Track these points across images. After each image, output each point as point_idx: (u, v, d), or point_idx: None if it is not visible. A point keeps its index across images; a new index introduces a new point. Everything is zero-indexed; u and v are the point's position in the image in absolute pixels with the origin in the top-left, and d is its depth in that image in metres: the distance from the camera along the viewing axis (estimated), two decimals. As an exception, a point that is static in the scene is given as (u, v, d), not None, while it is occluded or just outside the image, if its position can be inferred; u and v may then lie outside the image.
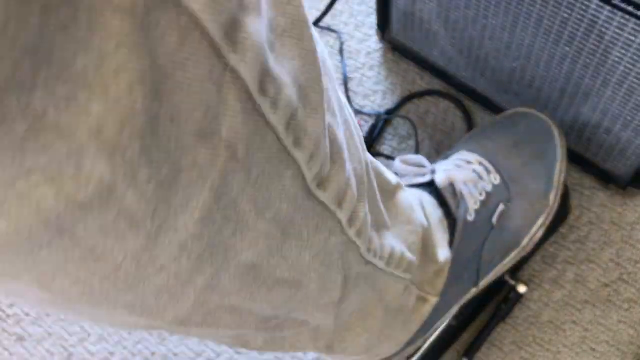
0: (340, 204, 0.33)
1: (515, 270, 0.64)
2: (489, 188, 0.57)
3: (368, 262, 0.41)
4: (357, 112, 0.74)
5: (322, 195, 0.31)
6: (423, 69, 0.74)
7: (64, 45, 0.18)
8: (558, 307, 0.64)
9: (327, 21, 0.78)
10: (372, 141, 0.72)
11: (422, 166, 0.58)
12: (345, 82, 0.75)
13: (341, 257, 0.37)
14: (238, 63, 0.23)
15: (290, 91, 0.26)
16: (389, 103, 0.74)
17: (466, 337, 0.64)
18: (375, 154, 0.71)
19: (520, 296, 0.63)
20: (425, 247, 0.51)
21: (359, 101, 0.74)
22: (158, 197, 0.23)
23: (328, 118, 0.30)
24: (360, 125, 0.70)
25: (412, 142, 0.72)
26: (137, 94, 0.20)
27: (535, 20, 0.54)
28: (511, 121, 0.63)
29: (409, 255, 0.46)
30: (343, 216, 0.34)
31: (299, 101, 0.27)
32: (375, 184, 0.41)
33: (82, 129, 0.19)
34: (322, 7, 0.80)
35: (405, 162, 0.58)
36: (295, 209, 0.30)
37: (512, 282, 0.63)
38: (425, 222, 0.50)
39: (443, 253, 0.53)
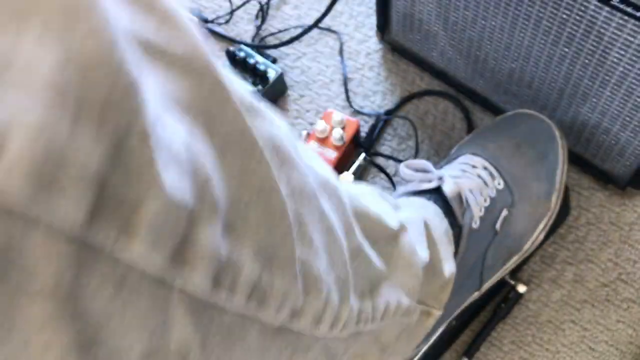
0: (317, 324, 0.32)
1: (515, 270, 0.64)
2: (493, 194, 0.57)
3: (358, 333, 0.40)
4: (357, 113, 0.74)
5: (296, 326, 0.31)
6: (422, 69, 0.75)
7: None
8: (557, 306, 0.64)
9: (327, 22, 0.79)
10: (372, 142, 0.72)
11: (428, 171, 0.57)
12: (345, 82, 0.75)
13: (323, 351, 0.36)
14: (186, 282, 0.22)
15: (250, 267, 0.25)
16: (388, 103, 0.74)
17: (466, 337, 0.64)
18: (375, 154, 0.71)
19: (519, 296, 0.63)
20: (431, 267, 0.50)
21: (358, 101, 0.75)
22: None
23: (303, 253, 0.29)
24: (360, 126, 0.70)
25: (411, 143, 0.72)
26: None
27: (534, 21, 0.54)
28: (512, 122, 0.62)
29: (406, 301, 0.45)
30: (321, 331, 0.33)
31: (263, 267, 0.26)
32: (368, 255, 0.40)
33: None
34: (322, 7, 0.80)
35: (410, 167, 0.58)
36: (263, 352, 0.29)
37: (512, 282, 0.63)
38: (427, 259, 0.49)
39: (449, 267, 0.52)
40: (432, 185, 0.56)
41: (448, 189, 0.54)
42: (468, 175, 0.57)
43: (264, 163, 0.26)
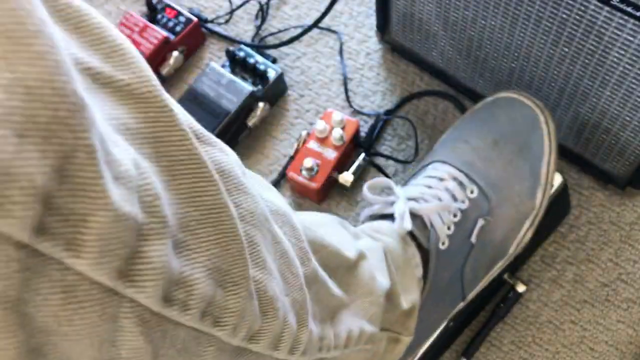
0: (276, 347, 0.33)
1: (514, 270, 0.64)
2: (465, 205, 0.54)
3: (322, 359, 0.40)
4: (357, 113, 0.74)
5: (254, 347, 0.31)
6: (422, 69, 0.75)
7: None
8: (557, 306, 0.64)
9: (326, 22, 0.79)
10: (372, 142, 0.72)
11: (391, 192, 0.55)
12: (345, 82, 0.75)
13: None
14: (137, 294, 0.23)
15: (203, 285, 0.26)
16: (388, 103, 0.74)
17: (465, 337, 0.64)
18: (375, 155, 0.71)
19: (519, 295, 0.63)
20: (389, 298, 0.49)
21: (358, 101, 0.75)
22: None
23: (257, 274, 0.30)
24: (360, 126, 0.70)
25: (411, 143, 0.72)
26: None
27: (534, 21, 0.54)
28: (490, 114, 0.58)
29: (369, 328, 0.45)
30: (281, 354, 0.34)
31: (217, 285, 0.27)
32: (326, 282, 0.40)
33: None
34: (322, 7, 0.80)
35: (372, 189, 0.56)
36: None
37: (511, 281, 0.63)
38: (387, 285, 0.48)
39: (409, 299, 0.51)
40: (393, 209, 0.54)
41: (400, 227, 0.52)
42: (433, 192, 0.54)
43: (212, 183, 0.27)
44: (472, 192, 0.55)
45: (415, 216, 0.53)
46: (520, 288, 0.62)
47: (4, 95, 0.18)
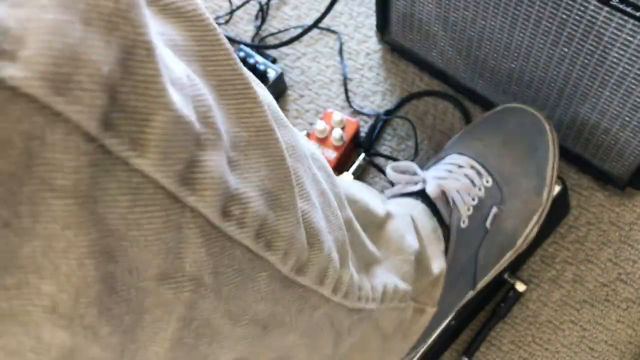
0: (322, 281, 0.33)
1: (514, 269, 0.64)
2: (482, 192, 0.57)
3: (360, 310, 0.40)
4: (357, 113, 0.74)
5: (302, 280, 0.31)
6: (422, 69, 0.75)
7: (7, 240, 0.18)
8: (557, 306, 0.64)
9: (326, 22, 0.79)
10: (372, 142, 0.72)
11: (414, 173, 0.57)
12: (345, 82, 0.75)
13: (329, 320, 0.37)
14: (197, 203, 0.23)
15: (257, 203, 0.26)
16: (388, 104, 0.74)
17: (465, 336, 0.64)
18: (375, 154, 0.71)
19: (519, 295, 0.63)
20: (419, 262, 0.50)
21: (358, 102, 0.75)
22: (123, 342, 0.23)
23: (302, 205, 0.30)
24: (360, 126, 0.70)
25: (411, 143, 0.72)
26: (88, 267, 0.20)
27: (534, 21, 0.54)
28: (500, 118, 0.62)
29: (403, 285, 0.46)
30: (326, 289, 0.34)
31: (268, 207, 0.27)
32: (360, 232, 0.41)
33: (36, 310, 0.19)
34: (322, 8, 0.80)
35: (396, 170, 0.58)
36: (273, 303, 0.30)
37: (511, 281, 0.63)
38: (416, 246, 0.50)
39: (437, 264, 0.52)
40: (418, 187, 0.56)
41: (430, 190, 0.54)
42: (454, 176, 0.57)
43: (259, 105, 0.27)
44: (487, 181, 0.57)
45: (440, 192, 0.55)
46: (520, 287, 0.62)
47: None
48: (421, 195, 0.56)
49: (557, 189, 0.62)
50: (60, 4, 0.18)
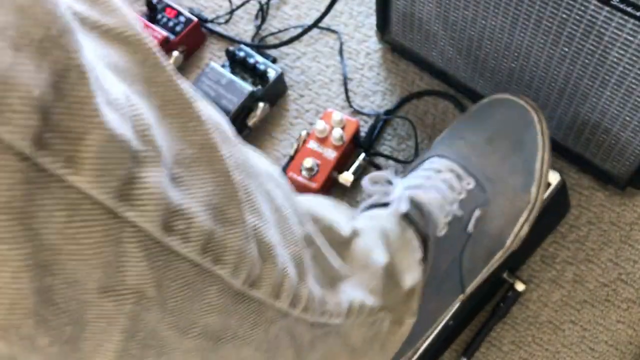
0: (277, 295, 0.33)
1: (513, 269, 0.64)
2: (462, 196, 0.55)
3: (324, 325, 0.40)
4: (357, 112, 0.74)
5: (256, 294, 0.31)
6: (422, 69, 0.75)
7: None
8: (557, 306, 0.64)
9: (326, 22, 0.79)
10: (372, 141, 0.72)
11: (390, 183, 0.56)
12: (345, 82, 0.75)
13: (288, 334, 0.37)
14: (137, 218, 0.23)
15: (202, 218, 0.26)
16: (388, 103, 0.74)
17: (465, 337, 0.64)
18: (375, 154, 0.71)
19: (518, 294, 0.63)
20: (390, 276, 0.50)
21: (358, 101, 0.75)
22: (65, 352, 0.23)
23: (253, 220, 0.30)
24: (360, 126, 0.70)
25: (411, 143, 0.72)
26: (22, 280, 0.21)
27: (534, 21, 0.54)
28: (486, 112, 0.60)
29: (371, 300, 0.46)
30: (282, 303, 0.34)
31: (215, 222, 0.27)
32: (324, 247, 0.40)
33: None
34: (322, 7, 0.80)
35: (372, 181, 0.57)
36: (226, 316, 0.30)
37: (510, 281, 0.63)
38: (384, 261, 0.49)
39: (411, 277, 0.51)
40: (392, 198, 0.54)
41: (395, 209, 0.53)
42: (431, 182, 0.55)
43: (202, 123, 0.27)
44: (468, 183, 0.56)
45: (414, 203, 0.54)
46: (520, 287, 0.62)
47: None
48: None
49: (554, 183, 0.61)
50: None
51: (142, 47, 0.26)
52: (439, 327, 0.59)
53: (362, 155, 0.69)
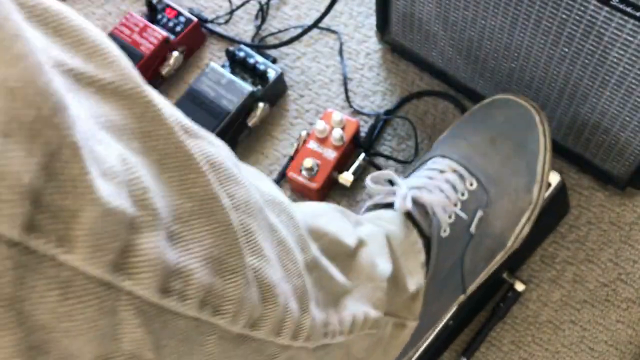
0: (278, 333, 0.33)
1: (513, 269, 0.64)
2: (465, 197, 0.55)
3: (326, 346, 0.40)
4: (357, 113, 0.74)
5: (257, 334, 0.31)
6: (422, 69, 0.75)
7: None
8: (557, 306, 0.64)
9: (326, 22, 0.79)
10: (372, 142, 0.72)
11: (393, 183, 0.56)
12: (345, 82, 0.75)
13: None
14: (133, 286, 0.23)
15: (200, 274, 0.26)
16: (388, 103, 0.74)
17: (465, 336, 0.64)
18: (375, 154, 0.71)
19: (518, 294, 0.63)
20: (395, 281, 0.50)
21: (358, 102, 0.75)
22: None
23: (254, 262, 0.30)
24: (360, 126, 0.70)
25: (411, 143, 0.72)
26: None
27: (534, 21, 0.54)
28: (488, 113, 0.60)
29: (374, 313, 0.45)
30: (284, 339, 0.34)
31: (214, 274, 0.27)
32: (328, 268, 0.40)
33: None
34: (322, 7, 0.80)
35: (375, 181, 0.57)
36: (226, 359, 0.30)
37: (510, 281, 0.63)
38: (389, 271, 0.49)
39: (414, 281, 0.51)
40: (394, 198, 0.54)
41: (399, 206, 0.53)
42: (434, 183, 0.55)
43: (202, 175, 0.27)
44: (471, 184, 0.56)
45: (417, 204, 0.54)
46: (520, 287, 0.62)
47: None
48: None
49: (554, 184, 0.61)
50: None
51: (140, 100, 0.25)
52: (439, 327, 0.59)
53: (362, 155, 0.69)
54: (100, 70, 0.24)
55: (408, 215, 0.54)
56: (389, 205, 0.55)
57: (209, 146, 0.29)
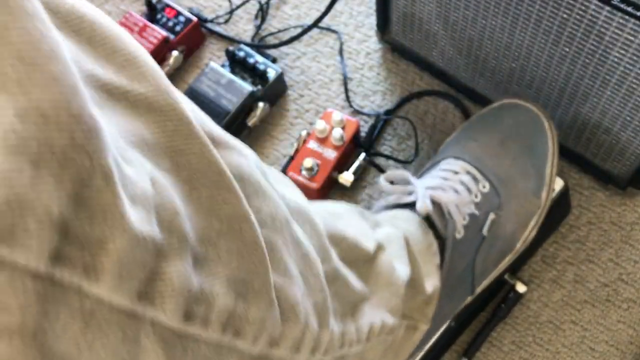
0: (298, 350, 0.33)
1: (515, 270, 0.64)
2: (478, 199, 0.55)
3: (343, 356, 0.40)
4: (357, 112, 0.74)
5: (276, 352, 0.31)
6: (422, 69, 0.75)
7: None
8: (557, 306, 0.64)
9: (326, 21, 0.78)
10: (372, 141, 0.72)
11: (408, 182, 0.56)
12: (345, 82, 0.75)
13: None
14: (156, 314, 0.23)
15: (224, 298, 0.26)
16: (388, 103, 0.74)
17: (466, 337, 0.64)
18: (375, 154, 0.71)
19: (519, 295, 0.63)
20: (412, 283, 0.49)
21: (358, 101, 0.74)
22: None
23: (278, 280, 0.30)
24: (360, 126, 0.70)
25: (411, 142, 0.72)
26: None
27: (535, 21, 0.54)
28: (497, 115, 0.60)
29: (390, 320, 0.45)
30: (303, 355, 0.33)
31: (238, 297, 0.27)
32: (347, 277, 0.40)
33: None
34: (322, 7, 0.80)
35: (390, 180, 0.56)
36: None
37: (512, 282, 0.63)
38: (407, 276, 0.49)
39: (431, 283, 0.51)
40: (412, 198, 0.54)
41: (420, 208, 0.52)
42: (449, 184, 0.55)
43: (233, 192, 0.27)
44: (484, 187, 0.56)
45: (434, 204, 0.54)
46: (521, 288, 0.62)
47: (20, 125, 0.18)
48: (415, 206, 0.54)
49: (558, 188, 0.62)
50: (10, 151, 0.18)
51: (174, 114, 0.25)
52: (440, 330, 0.59)
53: (362, 155, 0.69)
54: (134, 82, 0.24)
55: (425, 217, 0.53)
56: (404, 205, 0.55)
57: (239, 157, 0.29)
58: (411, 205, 0.54)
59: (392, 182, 0.57)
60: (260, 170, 0.31)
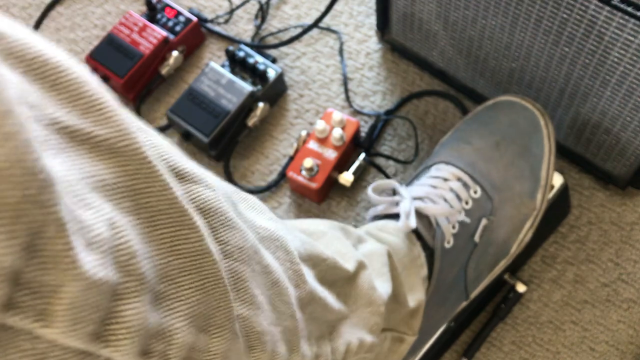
0: None
1: (515, 270, 0.64)
2: (469, 205, 0.54)
3: None
4: (357, 112, 0.74)
5: None
6: (422, 69, 0.75)
7: None
8: (557, 307, 0.64)
9: (326, 21, 0.78)
10: (372, 142, 0.72)
11: (395, 192, 0.56)
12: (345, 82, 0.75)
13: None
14: (111, 353, 0.23)
15: (183, 334, 0.26)
16: (388, 103, 0.74)
17: (466, 337, 0.64)
18: (375, 154, 0.71)
19: (519, 296, 0.63)
20: (395, 298, 0.49)
21: (358, 101, 0.74)
22: None
23: (244, 311, 0.30)
24: (360, 126, 0.70)
25: (411, 143, 0.72)
26: None
27: (535, 21, 0.54)
28: (491, 116, 0.59)
29: (369, 339, 0.45)
30: None
31: (199, 331, 0.27)
32: (325, 298, 0.40)
33: None
34: (322, 7, 0.80)
35: (377, 191, 0.56)
36: None
37: (512, 282, 0.63)
38: (387, 294, 0.48)
39: (415, 297, 0.51)
40: (400, 209, 0.54)
41: (403, 225, 0.52)
42: (438, 192, 0.54)
43: (194, 229, 0.27)
44: (475, 192, 0.55)
45: (421, 215, 0.54)
46: (521, 288, 0.62)
47: None
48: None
49: (557, 187, 0.62)
50: None
51: (135, 157, 0.25)
52: (441, 329, 0.59)
53: (363, 155, 0.69)
54: (97, 126, 0.24)
55: (413, 230, 0.53)
56: (393, 216, 0.55)
57: (205, 190, 0.29)
58: (399, 216, 0.54)
59: (381, 192, 0.57)
60: (230, 201, 0.31)
